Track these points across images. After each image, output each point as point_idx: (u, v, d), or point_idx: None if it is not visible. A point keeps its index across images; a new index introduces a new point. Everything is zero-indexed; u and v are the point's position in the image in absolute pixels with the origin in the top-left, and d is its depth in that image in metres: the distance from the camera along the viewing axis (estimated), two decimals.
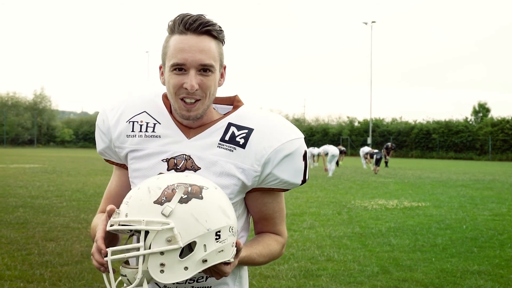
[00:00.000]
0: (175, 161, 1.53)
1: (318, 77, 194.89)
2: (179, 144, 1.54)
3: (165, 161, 1.54)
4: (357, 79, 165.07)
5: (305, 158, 1.58)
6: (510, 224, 9.25)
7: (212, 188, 1.37)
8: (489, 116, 54.58)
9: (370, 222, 9.13)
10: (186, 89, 1.46)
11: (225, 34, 1.53)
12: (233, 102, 1.64)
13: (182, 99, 1.48)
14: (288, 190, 1.61)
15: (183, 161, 1.52)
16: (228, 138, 1.53)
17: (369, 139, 49.96)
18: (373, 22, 53.94)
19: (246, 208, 1.65)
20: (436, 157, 51.31)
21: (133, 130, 1.58)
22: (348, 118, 62.81)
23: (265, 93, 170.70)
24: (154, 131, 1.57)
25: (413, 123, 56.40)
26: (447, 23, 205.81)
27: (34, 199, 11.18)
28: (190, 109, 1.49)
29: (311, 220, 9.26)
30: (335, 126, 62.52)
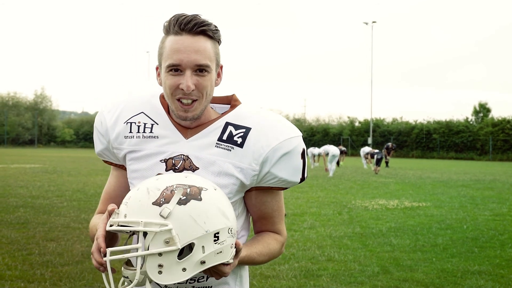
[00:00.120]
0: (173, 161, 1.53)
1: (318, 77, 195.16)
2: (177, 144, 1.54)
3: (163, 161, 1.54)
4: (357, 79, 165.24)
5: (303, 156, 1.58)
6: (511, 224, 9.24)
7: (211, 189, 1.36)
8: (489, 116, 54.53)
9: (371, 222, 9.13)
10: (182, 89, 1.46)
11: (221, 33, 1.53)
12: (230, 102, 1.64)
13: (179, 100, 1.48)
14: (287, 188, 1.61)
15: (181, 161, 1.52)
16: (225, 137, 1.53)
17: (369, 139, 49.94)
18: (373, 22, 53.95)
19: (246, 207, 1.65)
20: (436, 157, 51.28)
21: (131, 131, 1.58)
22: (348, 118, 62.81)
23: (265, 93, 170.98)
24: (152, 132, 1.57)
25: (413, 123, 56.35)
26: (447, 23, 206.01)
27: (34, 199, 11.18)
28: (187, 109, 1.49)
29: (312, 220, 9.26)
30: (336, 126, 62.50)
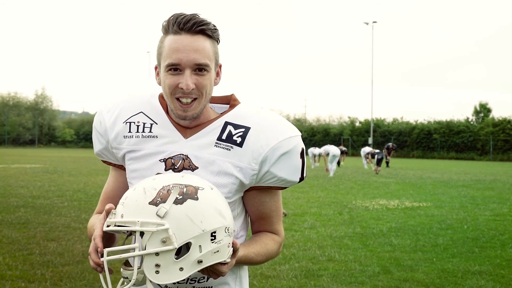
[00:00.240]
0: (173, 161, 1.53)
1: (318, 77, 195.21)
2: (176, 144, 1.54)
3: (162, 161, 1.54)
4: (358, 79, 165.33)
5: (302, 156, 1.58)
6: (511, 224, 9.24)
7: (207, 188, 1.36)
8: (490, 116, 54.49)
9: (371, 222, 9.13)
10: (182, 89, 1.46)
11: (219, 32, 1.53)
12: (229, 101, 1.64)
13: (178, 99, 1.48)
14: (286, 188, 1.61)
15: (181, 161, 1.52)
16: (225, 137, 1.53)
17: (370, 139, 49.93)
18: (374, 22, 53.91)
19: (244, 207, 1.65)
20: (437, 157, 51.24)
21: (130, 131, 1.58)
22: (349, 118, 62.77)
23: (265, 93, 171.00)
24: (151, 132, 1.57)
25: (414, 123, 56.28)
26: (447, 23, 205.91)
27: (35, 199, 11.19)
28: (186, 109, 1.49)
29: (312, 220, 9.26)
30: (336, 126, 62.46)
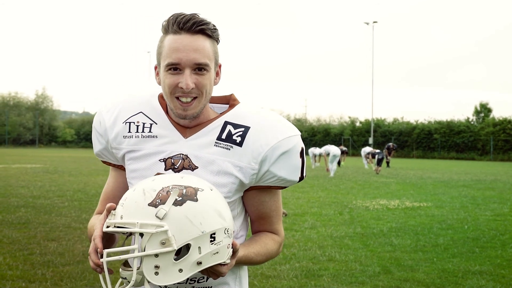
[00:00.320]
0: (172, 160, 1.53)
1: (319, 77, 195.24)
2: (176, 143, 1.54)
3: (162, 161, 1.54)
4: (358, 79, 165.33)
5: (302, 155, 1.58)
6: None
7: (207, 189, 1.36)
8: (490, 116, 54.47)
9: (372, 222, 9.12)
10: (182, 88, 1.46)
11: (219, 32, 1.53)
12: (229, 101, 1.64)
13: (178, 98, 1.48)
14: (285, 187, 1.61)
15: (180, 160, 1.52)
16: (224, 136, 1.53)
17: (370, 139, 49.93)
18: (374, 22, 53.90)
19: (244, 207, 1.65)
20: (437, 157, 51.23)
21: (129, 131, 1.58)
22: (349, 118, 62.79)
23: (266, 93, 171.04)
24: (150, 131, 1.57)
25: (414, 123, 56.30)
26: (447, 23, 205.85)
27: (35, 199, 11.19)
28: (186, 108, 1.49)
29: (313, 220, 9.26)
30: (337, 126, 62.48)
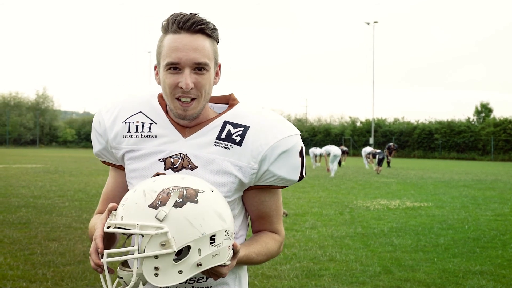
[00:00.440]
0: (172, 160, 1.53)
1: (319, 77, 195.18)
2: (176, 143, 1.54)
3: (161, 160, 1.54)
4: (359, 79, 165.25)
5: (301, 155, 1.58)
6: None
7: (208, 191, 1.36)
8: (491, 116, 54.44)
9: (372, 222, 9.12)
10: (181, 88, 1.46)
11: (219, 32, 1.53)
12: (228, 101, 1.64)
13: (178, 99, 1.48)
14: (285, 187, 1.61)
15: (180, 160, 1.52)
16: (224, 136, 1.53)
17: (371, 139, 49.91)
18: (375, 22, 53.88)
19: (244, 206, 1.65)
20: (438, 157, 51.21)
21: (129, 131, 1.58)
22: (350, 118, 62.81)
23: (266, 93, 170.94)
24: (150, 131, 1.57)
25: (415, 123, 56.31)
26: (447, 23, 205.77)
27: (36, 199, 11.20)
28: (186, 108, 1.49)
29: (313, 220, 9.26)
30: (337, 126, 62.50)
